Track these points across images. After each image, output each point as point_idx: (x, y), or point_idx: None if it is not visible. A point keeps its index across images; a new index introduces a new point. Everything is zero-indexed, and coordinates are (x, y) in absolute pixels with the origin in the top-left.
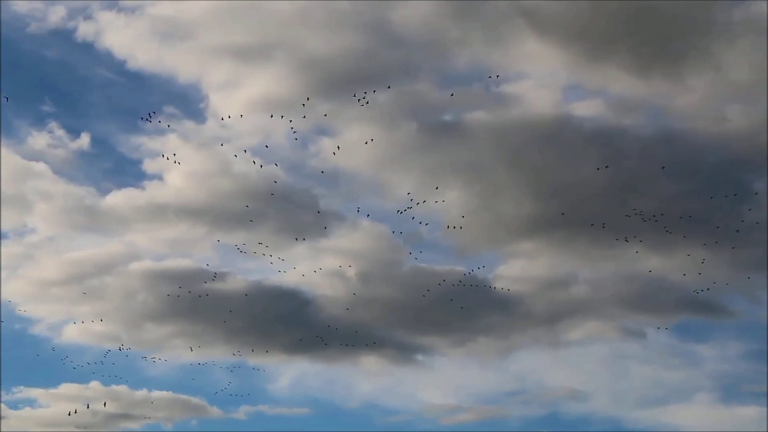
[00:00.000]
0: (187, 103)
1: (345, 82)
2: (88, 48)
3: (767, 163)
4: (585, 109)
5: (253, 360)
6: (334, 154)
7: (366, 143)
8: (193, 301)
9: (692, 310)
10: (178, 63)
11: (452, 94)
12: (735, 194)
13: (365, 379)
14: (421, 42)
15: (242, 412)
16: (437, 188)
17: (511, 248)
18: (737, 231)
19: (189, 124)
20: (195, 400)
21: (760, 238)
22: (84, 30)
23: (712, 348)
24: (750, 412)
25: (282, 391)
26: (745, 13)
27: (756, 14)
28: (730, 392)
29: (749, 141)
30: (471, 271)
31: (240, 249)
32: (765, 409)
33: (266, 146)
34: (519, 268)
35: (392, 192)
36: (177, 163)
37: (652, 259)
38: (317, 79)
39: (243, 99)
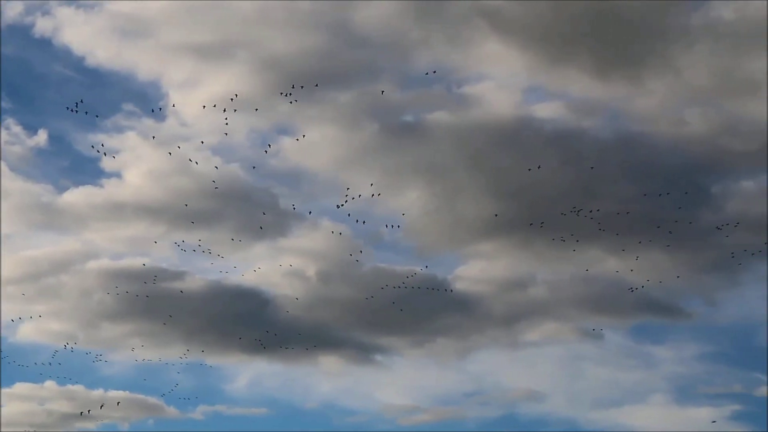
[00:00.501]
0: (146, 101)
1: (306, 81)
2: (46, 44)
3: (725, 166)
4: (545, 110)
5: (211, 360)
6: (297, 140)
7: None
8: (150, 301)
9: (649, 312)
10: (137, 60)
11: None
12: (693, 197)
13: (324, 379)
14: (383, 42)
15: (199, 412)
16: (372, 184)
17: (471, 249)
18: (694, 233)
19: (148, 122)
20: (152, 399)
21: (717, 240)
22: (42, 26)
23: (668, 349)
24: (704, 413)
25: (240, 391)
26: (703, 17)
27: (714, 19)
28: (685, 393)
29: (707, 144)
30: (426, 268)
31: (199, 248)
32: (719, 410)
33: (225, 145)
34: (478, 269)
35: (352, 192)
36: (113, 157)
37: (609, 261)
38: (278, 79)
39: (203, 97)
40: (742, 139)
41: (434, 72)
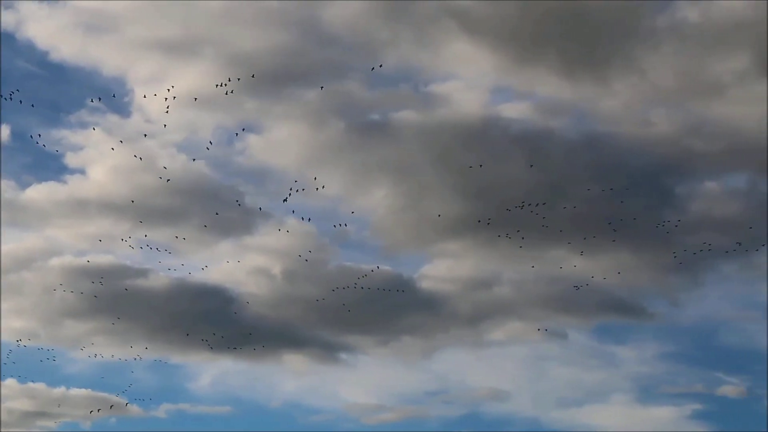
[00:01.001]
0: (111, 97)
1: (273, 79)
2: (8, 38)
3: (689, 166)
4: (512, 110)
5: (175, 358)
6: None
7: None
8: (114, 298)
9: (613, 312)
10: (102, 56)
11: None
12: (657, 197)
13: (288, 377)
14: (351, 41)
15: (162, 411)
16: (316, 178)
17: (437, 248)
18: (659, 234)
19: (113, 118)
20: (114, 398)
21: (681, 241)
22: (5, 20)
23: (630, 349)
24: (665, 412)
25: (204, 389)
26: (669, 19)
27: (679, 20)
28: (647, 393)
29: (672, 145)
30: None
31: (163, 246)
32: (680, 409)
33: (191, 142)
34: (444, 268)
35: (319, 190)
36: (57, 152)
37: (574, 261)
38: (244, 76)
39: (169, 94)
40: (706, 140)
41: (380, 66)
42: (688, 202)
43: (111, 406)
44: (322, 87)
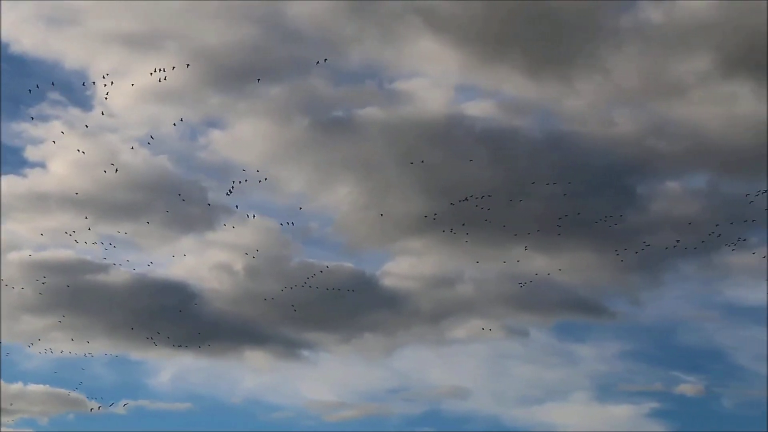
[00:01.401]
0: (73, 90)
1: (237, 74)
2: None
3: (651, 166)
4: (477, 109)
5: (135, 354)
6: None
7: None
8: (73, 293)
9: (575, 311)
10: (64, 48)
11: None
12: (619, 197)
13: (249, 374)
14: (315, 37)
15: (122, 407)
16: (258, 170)
17: (400, 246)
18: (620, 233)
19: (75, 112)
20: (73, 394)
21: (642, 240)
22: None
23: (590, 348)
24: (624, 410)
25: (164, 385)
26: (632, 19)
27: (643, 21)
28: (607, 391)
29: (635, 145)
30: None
31: (125, 241)
32: (638, 407)
33: (152, 137)
34: (407, 266)
35: (282, 187)
36: (17, 145)
37: (537, 259)
38: (209, 71)
39: (132, 88)
40: (669, 141)
41: (325, 60)
42: (649, 202)
43: (69, 403)
44: (285, 83)
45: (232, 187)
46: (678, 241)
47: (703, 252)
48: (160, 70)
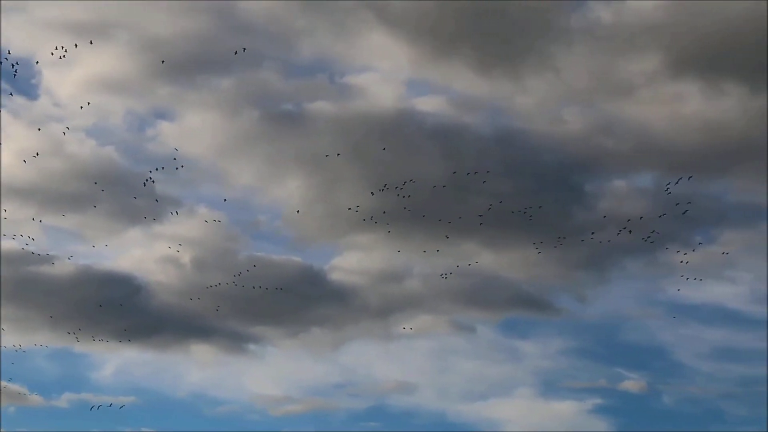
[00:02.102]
0: (18, 78)
1: (186, 65)
2: None
3: (599, 165)
4: (428, 104)
5: (79, 347)
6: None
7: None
8: (16, 285)
9: (522, 307)
10: (9, 36)
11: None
12: (567, 194)
13: (195, 368)
14: (266, 30)
15: (64, 400)
16: (175, 158)
17: (348, 240)
18: (567, 230)
19: (20, 101)
20: (14, 387)
21: (588, 237)
22: None
23: (534, 344)
24: (567, 406)
25: (107, 379)
26: (582, 18)
27: (593, 20)
28: (550, 387)
29: (584, 143)
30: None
31: (70, 232)
32: (581, 403)
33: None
34: (355, 260)
35: (231, 180)
36: None
37: (484, 256)
38: (157, 62)
39: (78, 77)
40: (616, 140)
41: (244, 50)
42: (597, 200)
43: (9, 396)
44: (235, 75)
45: (151, 175)
46: (622, 229)
47: (649, 250)
48: (60, 48)
